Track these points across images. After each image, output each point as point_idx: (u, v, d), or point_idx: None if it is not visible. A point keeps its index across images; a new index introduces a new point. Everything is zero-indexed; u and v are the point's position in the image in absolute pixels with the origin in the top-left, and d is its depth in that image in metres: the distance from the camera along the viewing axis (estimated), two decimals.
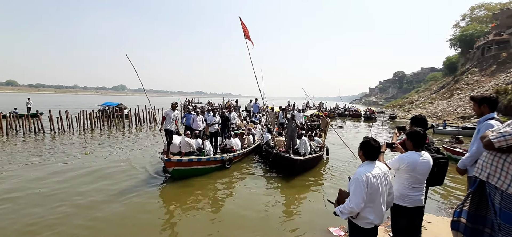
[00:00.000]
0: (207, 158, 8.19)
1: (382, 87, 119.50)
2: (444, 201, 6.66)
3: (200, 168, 8.07)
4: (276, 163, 9.06)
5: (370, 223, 2.46)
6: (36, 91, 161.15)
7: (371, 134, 14.83)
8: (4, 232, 4.80)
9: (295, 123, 9.07)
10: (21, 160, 9.29)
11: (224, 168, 8.69)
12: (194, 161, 7.84)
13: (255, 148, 11.28)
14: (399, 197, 2.79)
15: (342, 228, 4.91)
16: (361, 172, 2.42)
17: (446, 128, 20.02)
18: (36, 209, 5.66)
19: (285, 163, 8.48)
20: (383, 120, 30.03)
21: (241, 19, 9.36)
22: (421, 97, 49.60)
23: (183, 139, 8.31)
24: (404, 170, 2.74)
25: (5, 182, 7.17)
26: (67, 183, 7.25)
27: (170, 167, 7.45)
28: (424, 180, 2.81)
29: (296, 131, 9.17)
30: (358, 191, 2.35)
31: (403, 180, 2.79)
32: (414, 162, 2.69)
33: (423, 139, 2.77)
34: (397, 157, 2.81)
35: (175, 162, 7.47)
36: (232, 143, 9.61)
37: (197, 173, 8.00)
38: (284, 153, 8.77)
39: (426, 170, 2.75)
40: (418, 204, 2.81)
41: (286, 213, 5.94)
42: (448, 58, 55.43)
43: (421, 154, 2.74)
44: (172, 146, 8.01)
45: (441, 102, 36.20)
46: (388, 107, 58.55)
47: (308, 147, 8.98)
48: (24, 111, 19.10)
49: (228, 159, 8.78)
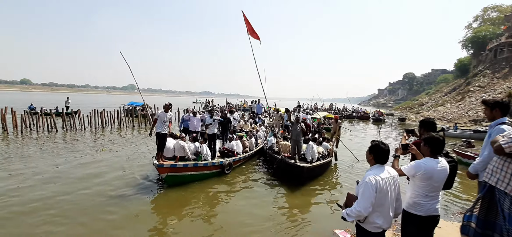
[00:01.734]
0: (204, 163, 7.63)
1: (391, 88, 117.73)
2: (453, 205, 6.55)
3: (196, 174, 7.53)
4: (280, 170, 8.43)
5: (378, 228, 2.43)
6: (49, 90, 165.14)
7: (379, 136, 14.66)
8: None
9: (300, 126, 8.50)
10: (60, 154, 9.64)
11: (224, 174, 8.14)
12: (189, 166, 7.30)
13: (258, 151, 10.72)
14: (412, 205, 2.63)
15: (348, 231, 4.89)
16: (370, 175, 2.37)
17: (457, 131, 19.63)
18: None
19: (291, 171, 7.89)
20: (392, 122, 29.64)
21: (244, 14, 8.73)
22: (432, 99, 48.67)
23: (178, 142, 7.74)
24: (420, 178, 2.55)
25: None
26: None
27: (163, 173, 6.88)
28: (440, 188, 2.63)
29: (301, 135, 8.54)
30: (367, 195, 2.32)
31: (417, 188, 2.60)
32: (431, 170, 2.49)
33: (442, 146, 2.59)
34: (413, 164, 2.62)
35: (169, 168, 6.89)
36: (232, 147, 9.03)
37: (193, 179, 7.47)
38: (289, 159, 8.16)
39: (443, 177, 2.58)
40: (433, 213, 2.60)
41: (290, 216, 5.87)
42: (460, 59, 54.24)
43: (439, 161, 2.55)
44: (166, 150, 7.51)
45: (452, 105, 35.46)
46: (397, 109, 57.67)
47: (315, 152, 8.30)
48: (40, 110, 20.03)
49: (227, 164, 8.18)
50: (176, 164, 7.07)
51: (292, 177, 7.80)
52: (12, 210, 5.58)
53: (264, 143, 11.07)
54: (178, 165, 7.06)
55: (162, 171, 6.86)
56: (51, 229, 4.93)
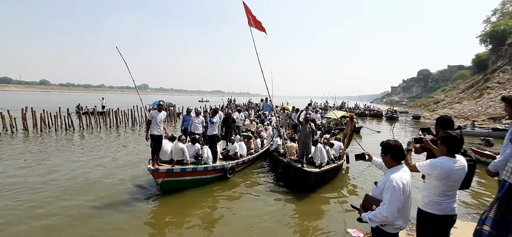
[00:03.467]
0: (204, 166, 7.06)
1: (405, 86, 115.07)
2: (470, 206, 6.37)
3: (196, 178, 6.98)
4: (286, 174, 7.77)
5: (398, 229, 2.38)
6: (66, 90, 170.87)
7: (393, 135, 14.32)
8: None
9: (310, 126, 7.70)
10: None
11: (226, 178, 7.60)
12: (188, 170, 6.74)
13: (264, 153, 10.00)
14: (427, 204, 2.57)
15: (361, 230, 4.84)
16: (397, 179, 2.26)
17: (475, 129, 18.99)
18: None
19: (297, 176, 7.22)
20: (406, 120, 28.99)
21: (245, 4, 7.84)
22: (448, 96, 47.26)
23: (176, 144, 7.17)
24: (435, 177, 2.47)
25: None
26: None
27: (158, 178, 6.34)
28: (457, 187, 2.54)
29: (310, 137, 7.74)
30: (394, 200, 2.22)
31: (433, 187, 2.52)
32: (448, 170, 2.41)
33: (460, 145, 2.49)
34: (428, 163, 2.53)
35: (165, 173, 6.35)
36: (236, 149, 8.33)
37: (192, 184, 6.92)
38: (296, 163, 7.49)
39: (461, 177, 2.49)
40: (449, 212, 2.52)
41: (299, 219, 5.69)
42: (478, 55, 52.42)
43: (456, 160, 2.46)
44: (163, 153, 7.00)
45: (469, 102, 34.33)
46: (411, 107, 56.35)
47: (325, 155, 7.52)
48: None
49: (230, 168, 7.63)
50: (173, 168, 6.50)
51: (299, 182, 7.18)
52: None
53: (270, 144, 10.38)
54: (175, 170, 6.51)
55: (157, 177, 6.33)
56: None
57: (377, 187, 2.44)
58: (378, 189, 2.41)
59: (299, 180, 7.18)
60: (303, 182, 7.04)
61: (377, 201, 2.38)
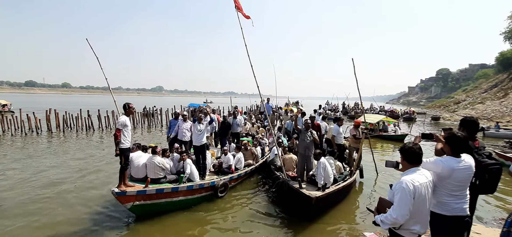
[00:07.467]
0: (188, 185, 5.68)
1: (423, 86, 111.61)
2: (495, 211, 6.10)
3: (177, 200, 5.58)
4: (283, 194, 6.16)
5: (415, 234, 2.35)
6: (86, 92, 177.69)
7: (411, 136, 13.79)
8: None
9: (311, 135, 6.33)
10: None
11: (216, 198, 6.23)
12: (166, 191, 5.39)
13: (264, 164, 8.35)
14: (436, 205, 2.55)
15: (379, 234, 4.75)
16: (407, 180, 2.24)
17: (499, 131, 18.11)
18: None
19: (295, 199, 5.59)
20: (424, 122, 28.10)
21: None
22: (469, 96, 45.47)
23: (151, 159, 5.69)
24: (438, 176, 2.49)
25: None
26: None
27: (126, 203, 4.96)
28: (465, 187, 2.52)
29: (312, 148, 6.32)
30: (404, 202, 2.19)
31: (440, 187, 2.53)
32: (450, 169, 2.42)
33: (463, 144, 2.50)
34: (432, 160, 2.54)
35: (135, 195, 5.01)
36: (229, 161, 7.04)
37: (174, 207, 5.57)
38: (294, 182, 5.82)
39: (467, 176, 2.47)
40: (459, 213, 2.49)
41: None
42: (502, 53, 50.10)
43: (461, 160, 2.47)
44: (136, 169, 5.67)
45: (493, 102, 32.87)
46: (430, 107, 54.54)
47: (330, 173, 5.86)
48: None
49: (221, 185, 6.26)
50: (146, 189, 5.15)
51: (297, 207, 5.59)
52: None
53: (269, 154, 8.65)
54: (148, 191, 5.16)
55: (124, 201, 4.94)
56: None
57: (391, 190, 2.42)
58: (392, 192, 2.40)
59: (296, 203, 5.60)
60: (301, 207, 5.41)
61: (391, 204, 2.37)
